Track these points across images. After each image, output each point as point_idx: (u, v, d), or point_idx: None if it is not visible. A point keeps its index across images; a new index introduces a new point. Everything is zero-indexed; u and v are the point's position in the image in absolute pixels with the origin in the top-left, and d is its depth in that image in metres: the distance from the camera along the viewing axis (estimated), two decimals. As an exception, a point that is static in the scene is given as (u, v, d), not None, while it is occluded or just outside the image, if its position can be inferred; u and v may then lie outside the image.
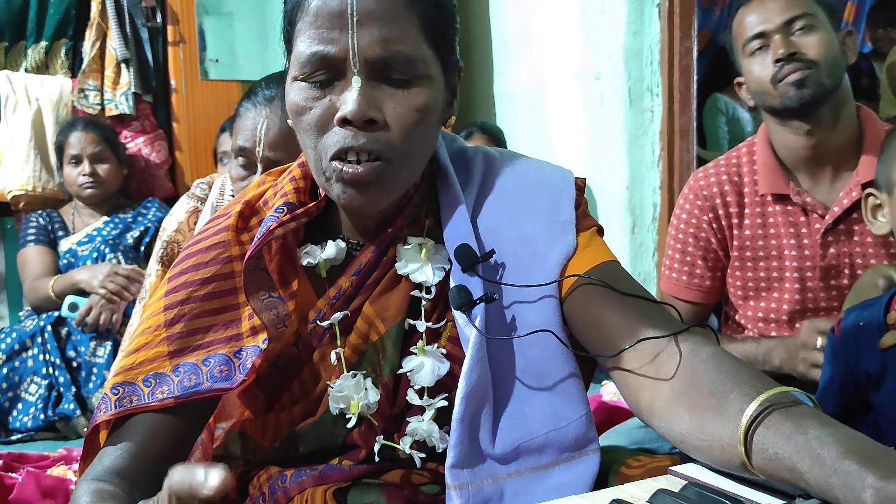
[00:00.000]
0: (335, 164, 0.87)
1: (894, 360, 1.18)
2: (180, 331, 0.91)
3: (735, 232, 1.73)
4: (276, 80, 1.58)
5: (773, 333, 1.71)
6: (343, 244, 0.97)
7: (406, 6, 0.87)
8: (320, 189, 0.97)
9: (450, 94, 0.95)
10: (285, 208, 0.93)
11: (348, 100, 0.86)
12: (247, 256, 0.91)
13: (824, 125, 1.64)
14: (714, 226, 1.74)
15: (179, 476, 0.60)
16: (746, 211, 1.72)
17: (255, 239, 0.91)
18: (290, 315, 0.93)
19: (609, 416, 2.11)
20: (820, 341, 1.48)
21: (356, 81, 0.86)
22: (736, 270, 1.74)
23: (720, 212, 1.73)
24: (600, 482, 0.91)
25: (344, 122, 0.86)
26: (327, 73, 0.87)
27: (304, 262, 0.96)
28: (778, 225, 1.69)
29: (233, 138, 1.61)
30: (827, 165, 1.67)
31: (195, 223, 1.77)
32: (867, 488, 0.61)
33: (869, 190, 1.29)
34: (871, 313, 1.24)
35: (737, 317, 1.78)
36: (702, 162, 2.21)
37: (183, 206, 1.82)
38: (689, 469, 0.78)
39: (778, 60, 1.61)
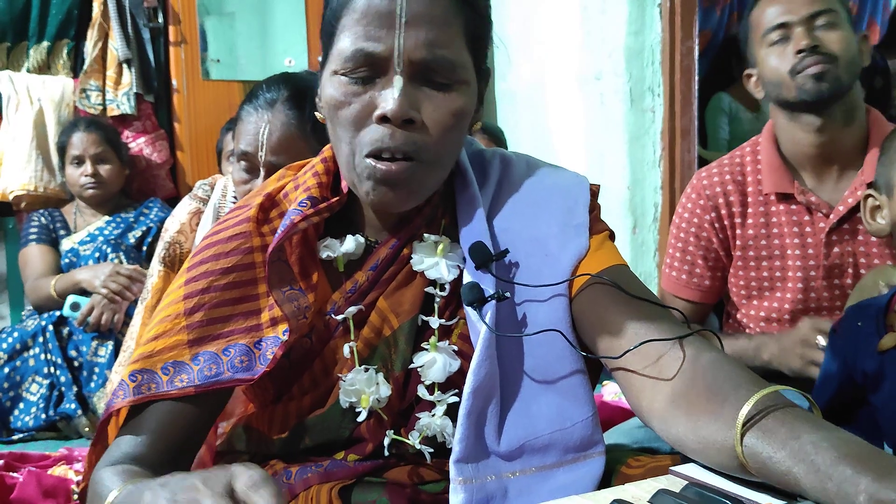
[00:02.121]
0: (369, 161, 0.88)
1: (892, 362, 1.18)
2: (200, 319, 0.92)
3: (738, 231, 1.72)
4: (278, 83, 1.58)
5: (774, 332, 1.71)
6: (362, 239, 0.98)
7: (453, 12, 0.89)
8: (342, 184, 0.98)
9: (477, 100, 0.97)
10: (309, 202, 0.94)
11: (389, 98, 0.87)
12: (270, 248, 0.92)
13: (836, 123, 1.64)
14: (716, 225, 1.74)
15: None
16: (749, 210, 1.71)
17: (279, 231, 0.92)
18: (310, 307, 0.94)
19: (610, 415, 2.11)
20: (821, 340, 1.48)
21: (398, 81, 0.87)
22: (738, 270, 1.74)
23: (723, 211, 1.72)
24: (602, 481, 0.92)
25: (383, 119, 0.87)
26: (370, 70, 0.88)
27: (324, 255, 0.97)
28: (781, 224, 1.69)
29: (234, 142, 1.61)
30: (833, 165, 1.67)
31: (197, 224, 1.77)
32: (861, 493, 0.61)
33: (868, 191, 1.28)
34: (870, 313, 1.24)
35: (738, 316, 1.78)
36: (703, 162, 2.21)
37: (185, 207, 1.82)
38: (690, 469, 0.79)
39: (800, 52, 1.60)
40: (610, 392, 2.44)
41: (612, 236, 1.03)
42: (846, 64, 1.61)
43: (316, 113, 1.00)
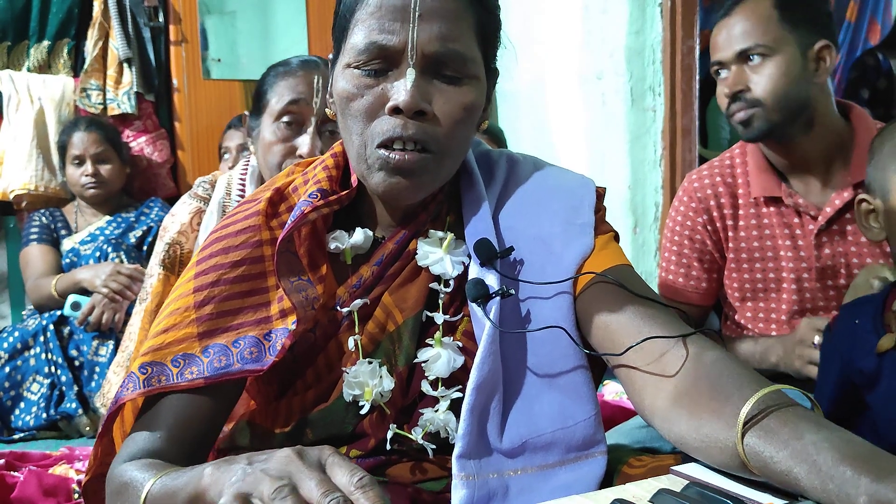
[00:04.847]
0: (381, 151, 0.90)
1: (890, 363, 1.17)
2: (210, 312, 0.92)
3: (730, 234, 1.72)
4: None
5: (773, 333, 1.71)
6: (371, 233, 0.99)
7: (465, 8, 0.91)
8: (352, 179, 0.99)
9: (486, 99, 0.98)
10: (319, 194, 0.95)
11: (401, 90, 0.88)
12: (280, 238, 0.93)
13: (797, 141, 1.63)
14: (709, 228, 1.73)
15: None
16: (741, 213, 1.71)
17: (289, 222, 0.93)
18: (318, 298, 0.95)
19: (611, 415, 2.11)
20: (817, 338, 1.48)
21: (411, 73, 0.88)
22: (732, 272, 1.74)
23: (714, 214, 1.72)
24: (603, 481, 0.92)
25: (395, 111, 0.89)
26: (383, 62, 0.90)
27: (332, 247, 0.98)
28: (773, 226, 1.68)
29: (271, 101, 1.60)
30: (815, 168, 1.65)
31: (199, 224, 1.74)
32: (861, 493, 0.61)
33: (861, 196, 1.27)
34: (867, 311, 1.23)
35: (736, 317, 1.77)
36: (704, 161, 2.21)
37: (186, 206, 1.78)
38: (691, 469, 0.79)
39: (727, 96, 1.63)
40: (611, 391, 2.45)
41: (616, 238, 1.03)
42: (775, 103, 1.58)
43: (327, 109, 1.01)
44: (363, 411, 0.94)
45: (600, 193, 1.04)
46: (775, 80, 1.59)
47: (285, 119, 1.58)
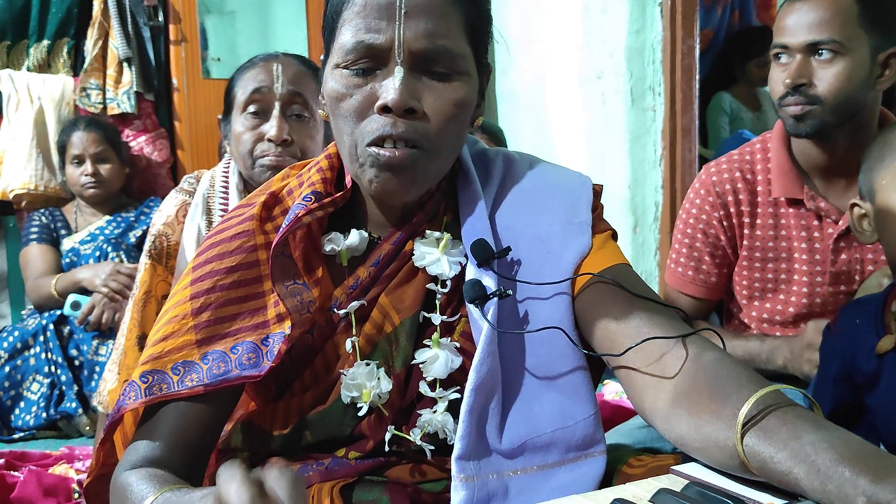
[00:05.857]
0: (372, 149, 0.89)
1: (890, 363, 1.17)
2: (207, 319, 0.92)
3: (746, 232, 1.70)
4: (268, 53, 1.69)
5: (777, 334, 1.70)
6: (366, 234, 0.99)
7: (452, 3, 0.90)
8: (347, 180, 0.99)
9: (479, 95, 0.97)
10: (313, 197, 0.95)
11: (389, 88, 0.88)
12: (274, 242, 0.92)
13: (838, 145, 1.59)
14: (724, 224, 1.71)
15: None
16: (759, 211, 1.69)
17: (283, 226, 0.93)
18: (314, 301, 0.94)
19: (611, 415, 2.11)
20: None
21: (399, 71, 0.88)
22: (744, 270, 1.73)
23: (731, 210, 1.70)
24: (603, 481, 0.92)
25: (384, 109, 0.88)
26: (370, 61, 0.89)
27: (328, 249, 0.98)
28: (790, 227, 1.66)
29: (237, 95, 1.66)
30: (842, 171, 1.63)
31: (184, 216, 1.78)
32: (860, 494, 0.61)
33: (854, 200, 1.25)
34: (868, 311, 1.23)
35: (741, 315, 1.77)
36: (703, 161, 2.20)
37: (172, 200, 1.83)
38: (691, 468, 0.79)
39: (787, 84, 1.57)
40: (611, 391, 2.45)
41: (614, 236, 1.03)
42: (836, 104, 1.53)
43: (319, 111, 1.00)
44: (361, 413, 0.94)
45: (597, 191, 1.04)
46: (841, 80, 1.53)
47: (251, 109, 1.63)
